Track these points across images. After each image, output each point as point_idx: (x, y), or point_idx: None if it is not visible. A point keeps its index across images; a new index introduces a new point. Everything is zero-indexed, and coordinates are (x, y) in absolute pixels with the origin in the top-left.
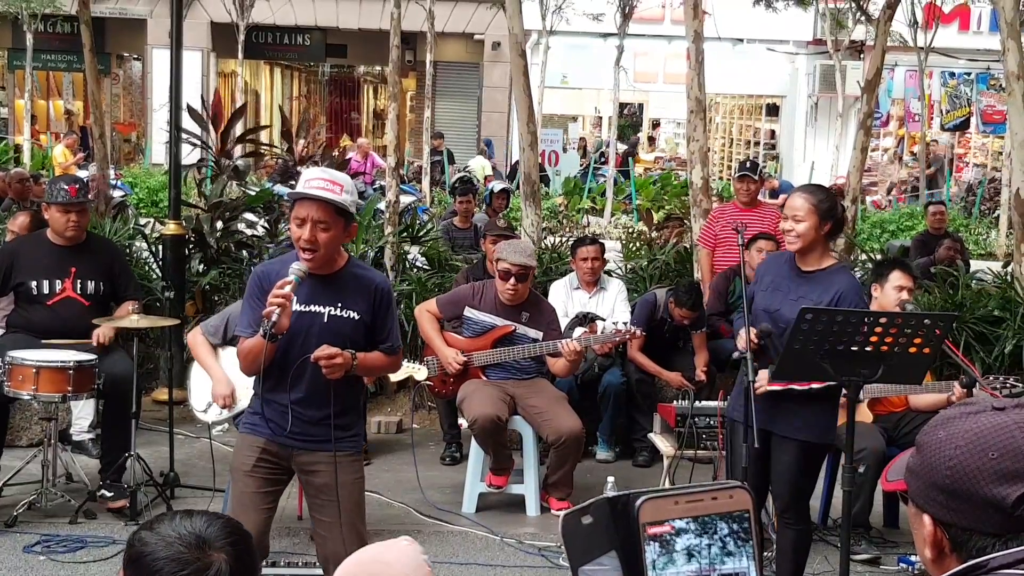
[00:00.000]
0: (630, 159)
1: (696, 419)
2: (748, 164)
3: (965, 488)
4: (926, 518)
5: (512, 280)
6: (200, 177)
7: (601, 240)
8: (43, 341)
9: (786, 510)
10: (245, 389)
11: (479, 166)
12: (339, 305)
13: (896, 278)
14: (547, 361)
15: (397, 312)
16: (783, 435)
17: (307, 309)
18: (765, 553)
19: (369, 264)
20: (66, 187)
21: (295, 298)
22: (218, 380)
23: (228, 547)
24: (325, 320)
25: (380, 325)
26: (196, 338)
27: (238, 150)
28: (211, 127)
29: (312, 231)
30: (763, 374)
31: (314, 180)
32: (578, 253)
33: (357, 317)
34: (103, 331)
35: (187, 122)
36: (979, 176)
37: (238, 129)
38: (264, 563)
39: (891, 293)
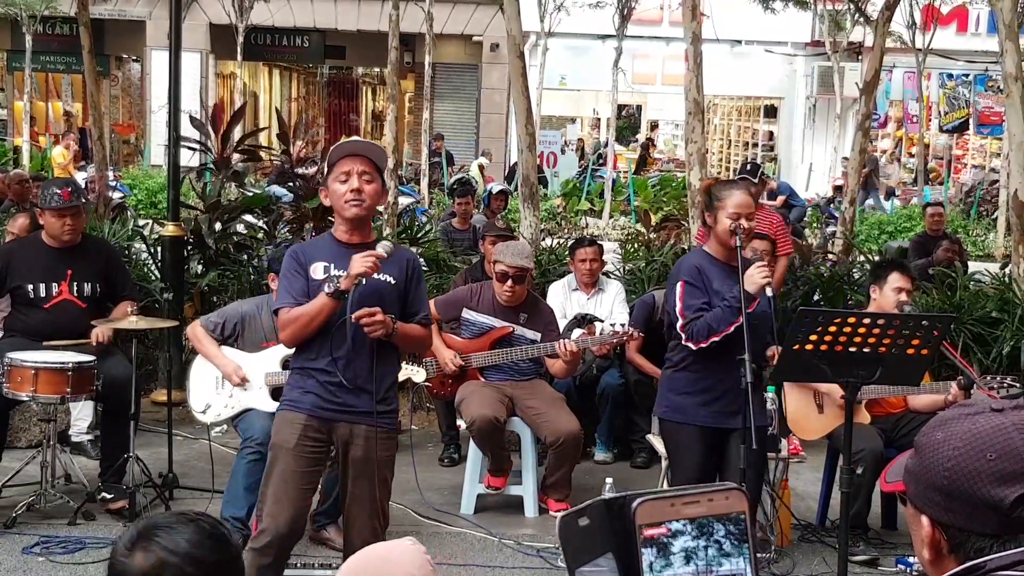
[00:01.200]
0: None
1: None
2: (748, 167)
3: (963, 489)
4: (924, 519)
5: (509, 282)
6: (201, 183)
7: (599, 241)
8: (44, 344)
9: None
10: (253, 376)
11: (478, 170)
12: None
13: (895, 279)
14: (546, 362)
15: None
16: (744, 428)
17: (345, 274)
18: (761, 555)
19: None
20: (59, 191)
21: (332, 264)
22: (225, 364)
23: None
24: (364, 283)
25: (413, 296)
26: (196, 330)
27: (237, 156)
28: (211, 130)
29: (360, 181)
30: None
31: (353, 141)
32: (576, 254)
33: (393, 282)
34: (101, 330)
35: (188, 127)
36: (977, 178)
37: (237, 132)
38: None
39: (890, 294)
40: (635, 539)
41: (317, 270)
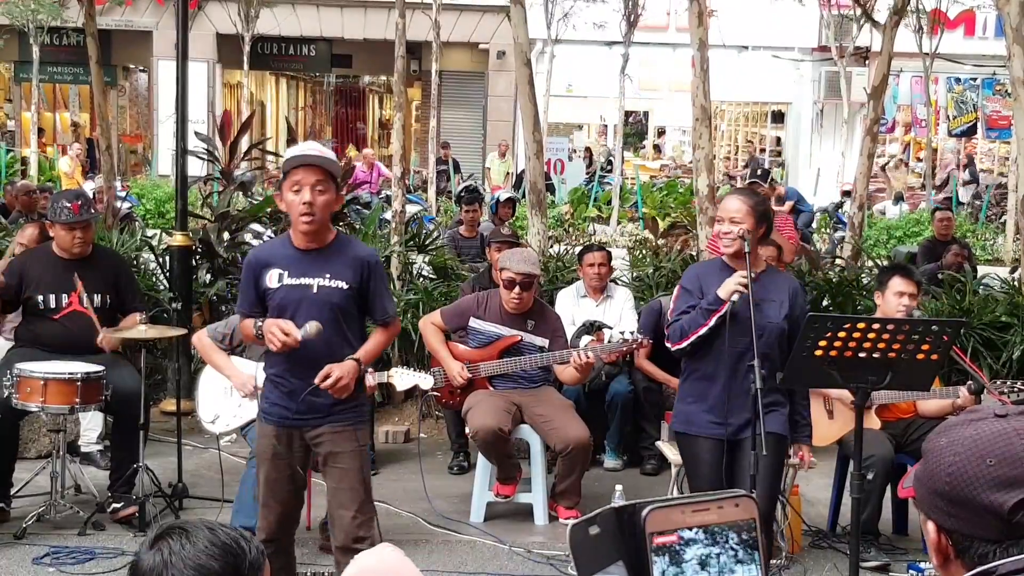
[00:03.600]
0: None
1: None
2: (759, 172)
3: (963, 495)
4: (930, 525)
5: (517, 289)
6: (208, 191)
7: (608, 248)
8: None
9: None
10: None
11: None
12: (327, 276)
13: (896, 284)
14: (555, 369)
15: (387, 281)
16: (754, 435)
17: (297, 282)
18: (773, 561)
19: None
20: (68, 205)
21: (285, 272)
22: (235, 375)
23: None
24: (315, 291)
25: (372, 298)
26: (203, 340)
27: (244, 164)
28: (219, 141)
29: (312, 194)
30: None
31: (304, 150)
32: (585, 259)
33: (346, 287)
34: (108, 337)
35: (195, 138)
36: (986, 182)
37: (245, 142)
38: None
39: (892, 300)
40: (646, 547)
41: (272, 277)
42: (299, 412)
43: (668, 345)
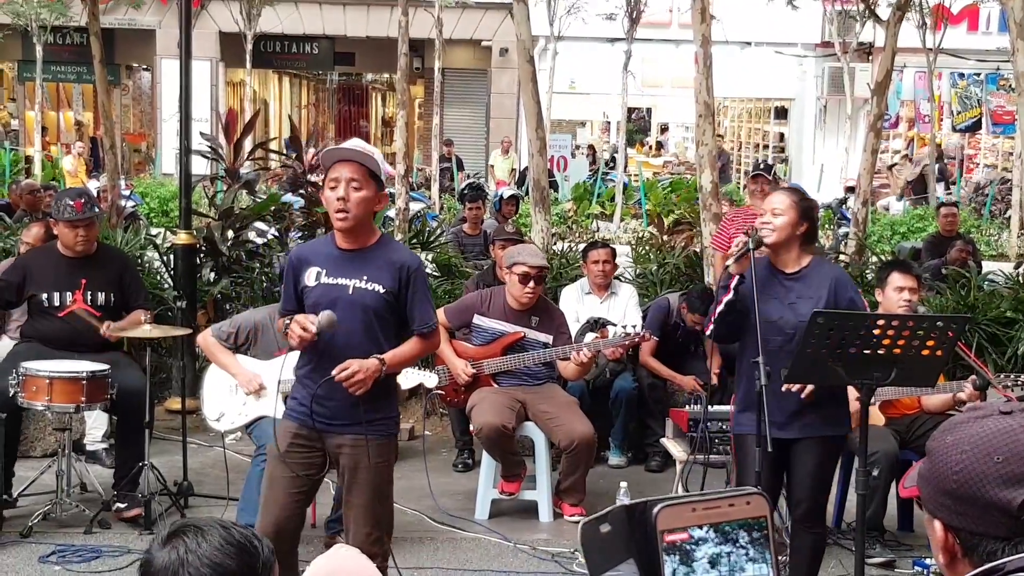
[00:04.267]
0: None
1: (709, 423)
2: (762, 166)
3: (971, 492)
4: (937, 523)
5: (532, 283)
6: (212, 191)
7: (612, 245)
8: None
9: (807, 515)
10: (267, 384)
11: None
12: (364, 278)
13: (895, 279)
14: (558, 365)
15: (429, 289)
16: (805, 436)
17: (334, 282)
18: (780, 557)
19: None
20: (72, 203)
21: (323, 271)
22: (240, 373)
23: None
24: (350, 292)
25: (410, 306)
26: (207, 339)
27: (248, 163)
28: (223, 140)
29: (346, 190)
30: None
31: (347, 145)
32: (589, 256)
33: (382, 291)
34: (110, 325)
35: (200, 137)
36: (989, 177)
37: (249, 141)
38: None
39: (892, 295)
40: (656, 545)
41: (311, 275)
42: (323, 416)
43: (708, 334)
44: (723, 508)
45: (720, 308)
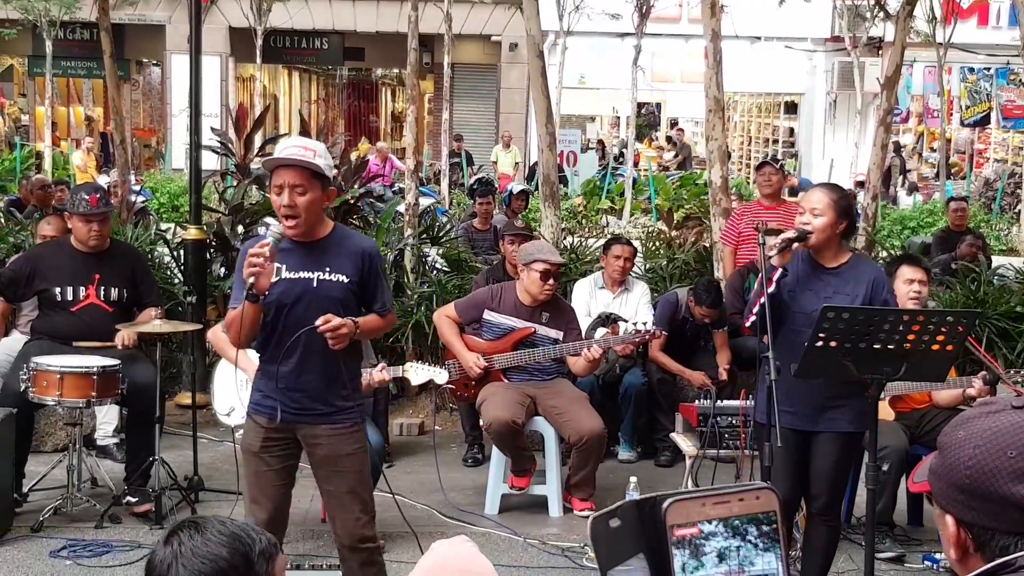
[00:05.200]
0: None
1: (718, 418)
2: (769, 157)
3: (984, 487)
4: (949, 519)
5: (551, 280)
6: (223, 187)
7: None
8: (75, 344)
9: (825, 508)
10: None
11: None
12: (327, 270)
13: (904, 272)
14: (568, 360)
15: (385, 273)
16: (827, 431)
17: (296, 276)
18: (790, 552)
19: (389, 266)
20: (87, 197)
21: (284, 266)
22: (251, 368)
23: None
24: (315, 285)
25: (371, 289)
26: (218, 335)
27: (258, 159)
28: (234, 135)
29: (291, 196)
30: None
31: (287, 148)
32: (611, 250)
33: (346, 280)
34: (126, 334)
35: (209, 132)
36: (999, 172)
37: (259, 136)
38: (288, 565)
39: (901, 288)
40: (666, 540)
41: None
42: (292, 408)
43: (746, 324)
44: (733, 503)
45: (762, 300)
